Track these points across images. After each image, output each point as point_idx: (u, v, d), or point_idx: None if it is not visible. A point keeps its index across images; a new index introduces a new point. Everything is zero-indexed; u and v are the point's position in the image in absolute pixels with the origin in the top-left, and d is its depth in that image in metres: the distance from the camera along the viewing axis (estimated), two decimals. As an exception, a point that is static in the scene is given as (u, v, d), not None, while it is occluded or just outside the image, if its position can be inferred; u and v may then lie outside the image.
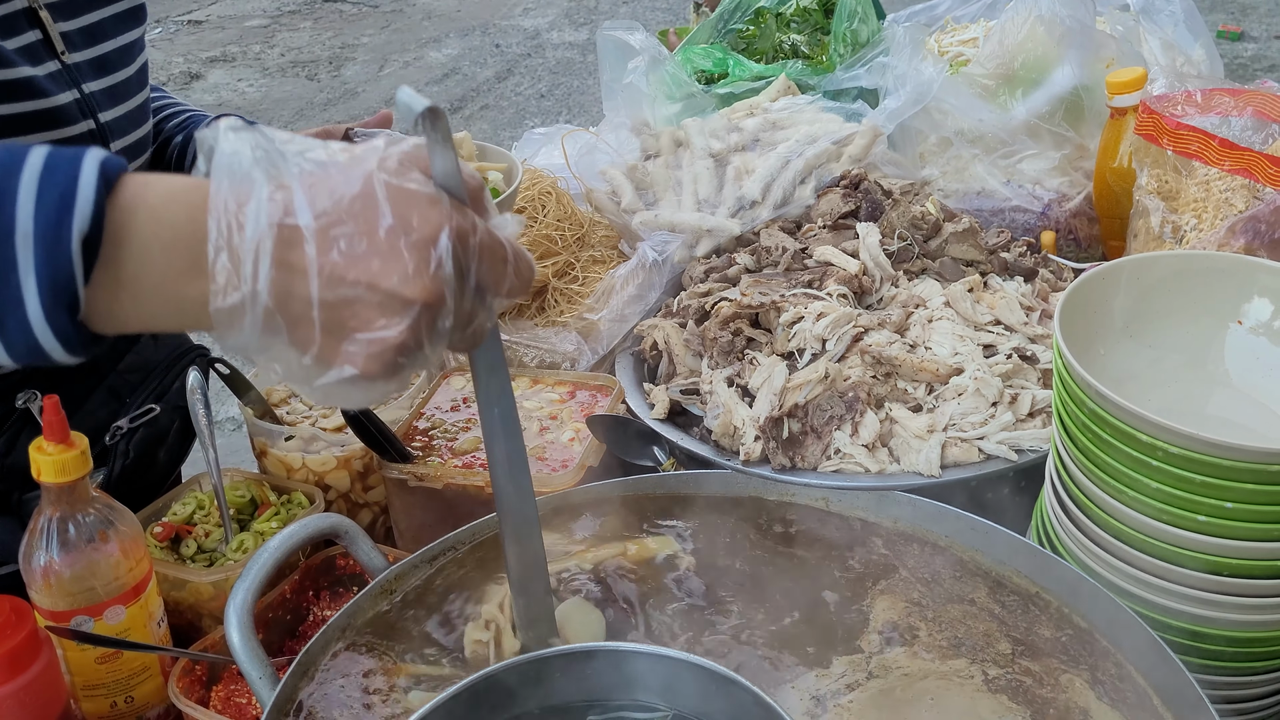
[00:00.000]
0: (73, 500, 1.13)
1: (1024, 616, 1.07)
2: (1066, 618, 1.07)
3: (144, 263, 0.76)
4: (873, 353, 1.26)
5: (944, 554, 1.15)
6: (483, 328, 0.81)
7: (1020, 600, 1.09)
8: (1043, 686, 1.00)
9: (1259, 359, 1.09)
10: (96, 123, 1.32)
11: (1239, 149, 1.22)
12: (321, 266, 0.72)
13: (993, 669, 1.02)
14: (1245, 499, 0.96)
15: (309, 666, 1.06)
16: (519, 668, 0.97)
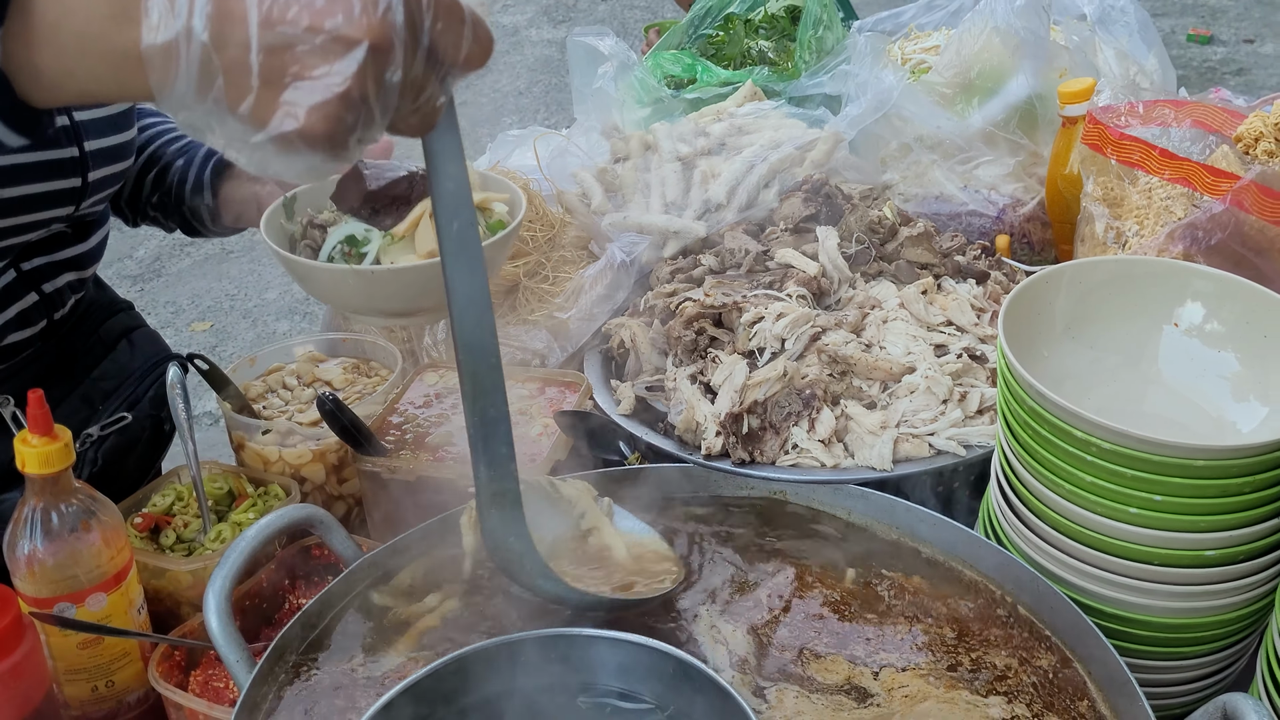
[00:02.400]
0: (56, 491, 1.17)
1: (970, 605, 1.13)
2: (1008, 604, 1.13)
3: (63, 6, 0.70)
4: (829, 352, 1.31)
5: (894, 545, 1.20)
6: (435, 102, 0.75)
7: (964, 589, 1.15)
8: (980, 669, 1.06)
9: (1192, 359, 1.15)
10: (70, 119, 1.35)
11: (1178, 159, 1.27)
12: (261, 3, 0.68)
13: (939, 654, 1.07)
14: (1173, 493, 1.02)
15: (284, 651, 1.11)
16: (487, 651, 1.02)
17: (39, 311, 1.44)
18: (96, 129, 1.37)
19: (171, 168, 1.61)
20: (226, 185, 1.57)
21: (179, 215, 1.63)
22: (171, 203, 1.61)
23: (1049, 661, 1.07)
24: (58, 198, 1.36)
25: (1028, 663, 1.07)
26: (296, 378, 1.55)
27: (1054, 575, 1.13)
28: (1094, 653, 1.06)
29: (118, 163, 1.43)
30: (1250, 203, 1.24)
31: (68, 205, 1.38)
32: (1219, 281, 1.13)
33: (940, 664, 1.06)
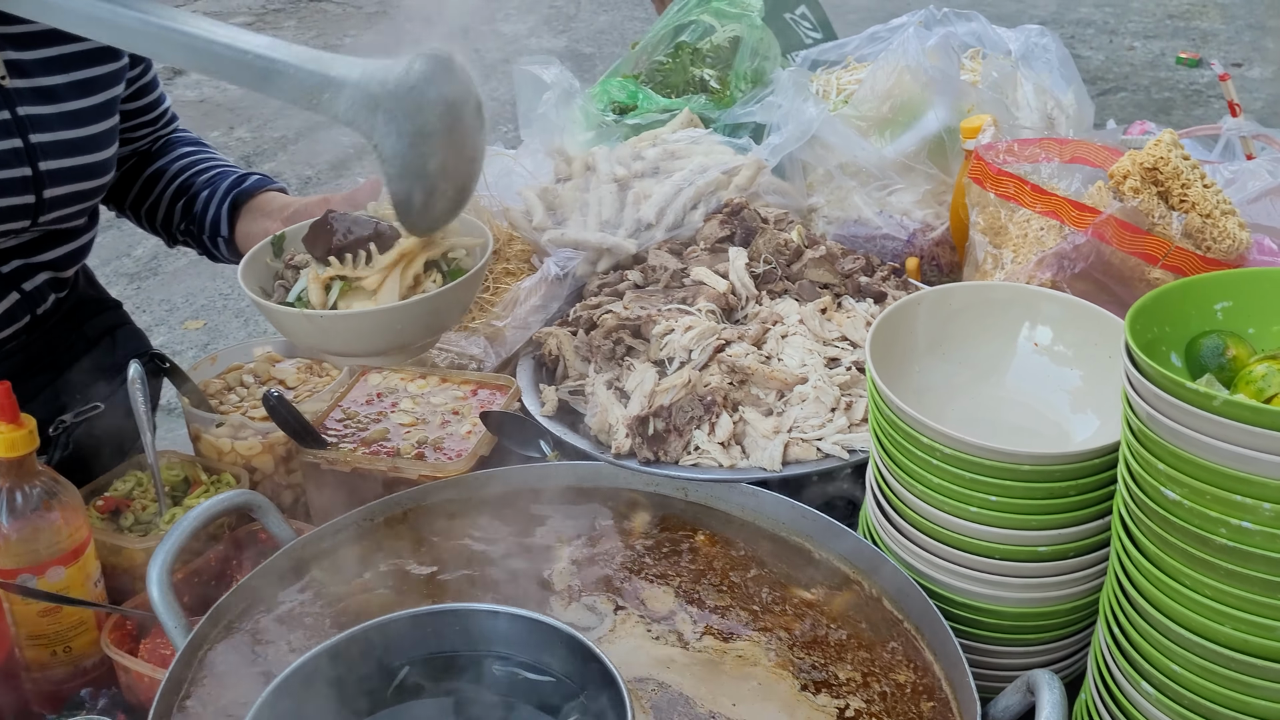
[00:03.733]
0: (20, 473, 1.30)
1: (832, 591, 1.26)
2: (868, 591, 1.25)
3: None
4: (729, 363, 1.44)
5: (774, 538, 1.33)
6: None
7: (834, 576, 1.27)
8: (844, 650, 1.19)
9: (1041, 375, 1.27)
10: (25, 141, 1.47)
11: (1048, 194, 1.40)
12: None
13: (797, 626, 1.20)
14: (1005, 494, 1.14)
15: (219, 619, 1.24)
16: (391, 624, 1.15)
17: (21, 309, 1.57)
18: (56, 150, 1.49)
19: (198, 199, 1.73)
20: (243, 220, 1.70)
21: (202, 243, 1.76)
22: (196, 231, 1.75)
23: (896, 636, 1.20)
24: (10, 213, 1.48)
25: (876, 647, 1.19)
26: (254, 376, 1.69)
27: (916, 570, 1.25)
28: (935, 632, 1.18)
29: (83, 181, 1.55)
30: (1111, 235, 1.37)
31: (22, 220, 1.50)
32: (1065, 305, 1.26)
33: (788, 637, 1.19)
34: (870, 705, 1.12)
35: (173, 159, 1.82)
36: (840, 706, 1.12)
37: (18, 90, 1.45)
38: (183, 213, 1.78)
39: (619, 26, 8.75)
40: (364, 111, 1.03)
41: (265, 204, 1.70)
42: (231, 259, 1.76)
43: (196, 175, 1.78)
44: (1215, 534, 0.94)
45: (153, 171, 1.81)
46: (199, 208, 1.75)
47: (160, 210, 1.80)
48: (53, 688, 1.37)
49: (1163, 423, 0.95)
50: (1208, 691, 1.01)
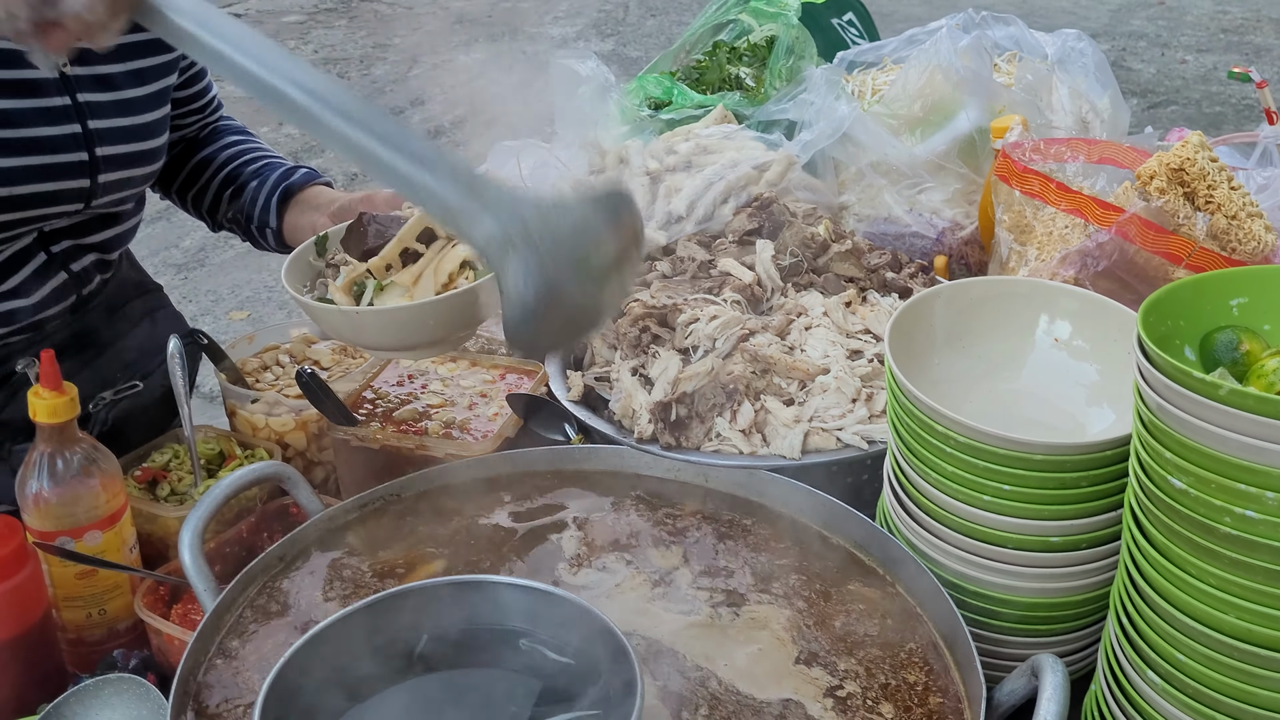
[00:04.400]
0: (62, 439, 1.35)
1: (850, 574, 1.28)
2: (883, 579, 1.27)
3: None
4: (752, 352, 1.46)
5: (794, 523, 1.35)
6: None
7: (846, 558, 1.29)
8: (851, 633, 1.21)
9: (1058, 369, 1.29)
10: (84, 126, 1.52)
11: (1073, 192, 1.41)
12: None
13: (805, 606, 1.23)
14: (1018, 483, 1.16)
15: (248, 584, 1.28)
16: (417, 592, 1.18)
17: (69, 288, 1.63)
18: (112, 136, 1.55)
19: (246, 189, 1.79)
20: (291, 213, 1.75)
21: (248, 232, 1.81)
22: (243, 220, 1.80)
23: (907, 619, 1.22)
24: (66, 196, 1.54)
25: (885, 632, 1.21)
26: (289, 356, 1.73)
27: (931, 559, 1.26)
28: (946, 620, 1.20)
29: (136, 168, 1.60)
30: (1135, 234, 1.38)
31: (76, 203, 1.56)
32: (1083, 300, 1.27)
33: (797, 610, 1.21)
34: (868, 691, 1.14)
35: (220, 147, 1.87)
36: (833, 685, 1.14)
37: (77, 77, 1.50)
38: (230, 201, 1.83)
39: (666, 30, 8.78)
40: (496, 247, 0.93)
41: (313, 198, 1.75)
42: (278, 249, 1.81)
43: (244, 165, 1.83)
44: (1220, 523, 0.95)
45: (201, 159, 1.86)
46: (247, 197, 1.79)
47: (207, 197, 1.86)
48: (87, 649, 1.42)
49: (1171, 412, 0.97)
50: (1212, 681, 1.02)
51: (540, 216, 0.95)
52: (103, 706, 1.28)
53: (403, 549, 1.34)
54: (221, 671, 1.19)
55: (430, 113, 7.26)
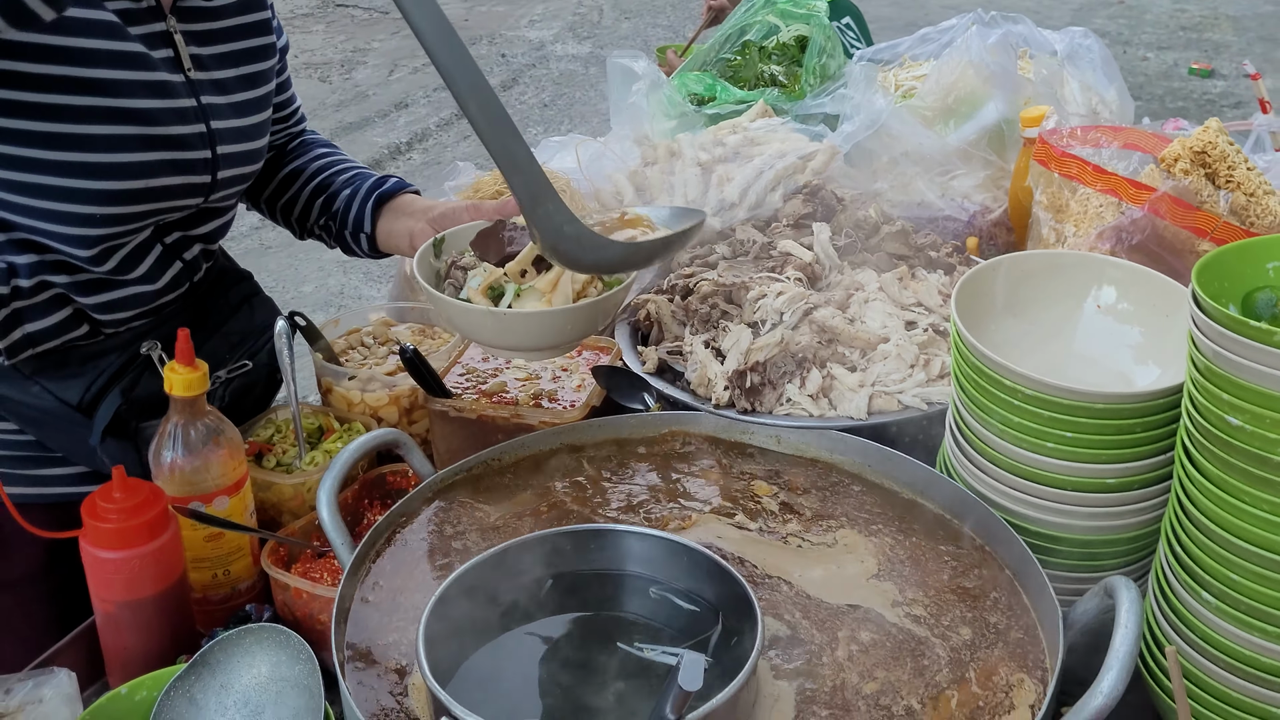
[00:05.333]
0: (193, 412, 1.46)
1: (921, 523, 1.41)
2: (951, 525, 1.41)
3: None
4: (819, 323, 1.60)
5: (863, 480, 1.49)
6: None
7: (913, 508, 1.43)
8: (927, 573, 1.35)
9: (1106, 332, 1.43)
10: (208, 127, 1.64)
11: (1108, 173, 1.56)
12: None
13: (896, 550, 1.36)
14: (1080, 430, 1.30)
15: (376, 539, 1.39)
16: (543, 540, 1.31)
17: (183, 276, 1.74)
18: (228, 137, 1.66)
19: (338, 197, 1.89)
20: (384, 219, 1.86)
21: (340, 238, 1.92)
22: (335, 227, 1.91)
23: (979, 563, 1.36)
24: (190, 190, 1.65)
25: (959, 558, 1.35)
26: (373, 337, 1.85)
27: (993, 502, 1.40)
28: (1018, 558, 1.34)
29: (245, 166, 1.72)
30: (1165, 210, 1.53)
31: (198, 197, 1.67)
32: (1127, 270, 1.42)
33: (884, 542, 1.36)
34: (934, 612, 1.28)
35: (311, 158, 1.98)
36: (898, 598, 1.29)
37: (199, 81, 1.61)
38: (321, 209, 1.93)
39: (642, 33, 8.93)
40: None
41: (407, 205, 1.86)
42: (370, 254, 1.92)
43: (336, 175, 1.94)
44: (1274, 454, 1.10)
45: (292, 169, 1.97)
46: (339, 205, 1.90)
47: (298, 206, 1.96)
48: (212, 608, 1.53)
49: (1227, 358, 1.11)
50: (1264, 596, 1.16)
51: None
52: (244, 654, 1.38)
53: (509, 506, 1.46)
54: (364, 614, 1.31)
55: (415, 115, 7.37)
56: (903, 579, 1.33)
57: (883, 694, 1.19)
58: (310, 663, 1.31)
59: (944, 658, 1.24)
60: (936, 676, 1.22)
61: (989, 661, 1.23)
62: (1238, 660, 1.21)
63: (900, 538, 1.39)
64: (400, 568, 1.38)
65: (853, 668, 1.21)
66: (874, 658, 1.23)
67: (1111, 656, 1.09)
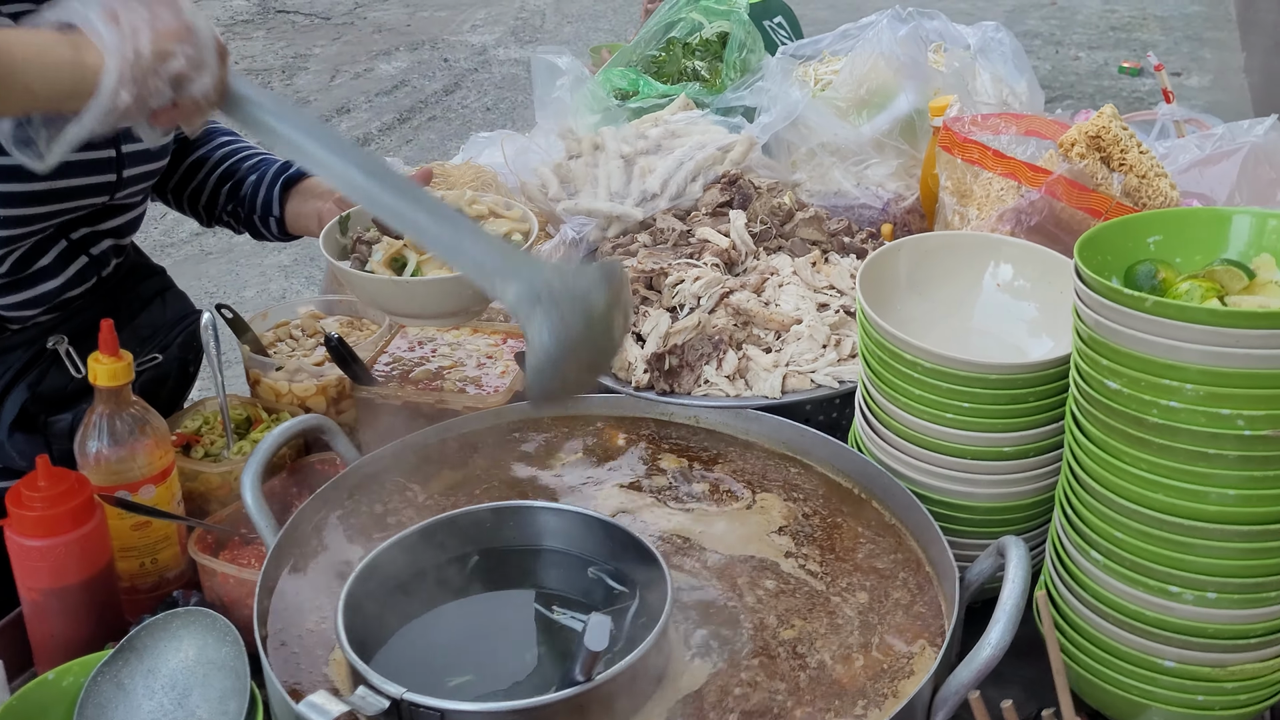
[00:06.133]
0: (118, 401, 1.48)
1: (829, 494, 1.47)
2: (857, 496, 1.47)
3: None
4: (734, 306, 1.65)
5: (777, 455, 1.54)
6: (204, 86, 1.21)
7: (825, 481, 1.49)
8: (836, 536, 1.40)
9: (1002, 307, 1.50)
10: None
11: (1007, 158, 1.62)
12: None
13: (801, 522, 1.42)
14: (976, 400, 1.36)
15: (301, 522, 1.42)
16: (462, 517, 1.35)
17: (90, 270, 1.75)
18: (133, 135, 1.68)
19: (245, 183, 1.92)
20: (293, 201, 1.88)
21: (249, 223, 1.94)
22: (244, 212, 1.93)
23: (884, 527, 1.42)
24: (95, 189, 1.67)
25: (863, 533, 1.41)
26: (301, 330, 1.87)
27: (900, 474, 1.46)
28: (918, 523, 1.39)
29: (151, 163, 1.73)
30: (1061, 192, 1.60)
31: (103, 195, 1.69)
32: (1022, 249, 1.49)
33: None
34: (840, 571, 1.34)
35: (214, 146, 2.00)
36: (791, 550, 1.36)
37: None
38: (229, 195, 1.96)
39: (584, 37, 8.96)
40: (526, 304, 1.16)
41: (314, 186, 1.89)
42: (279, 237, 1.94)
43: (241, 161, 1.96)
44: (1148, 415, 1.16)
45: (196, 158, 1.99)
46: (246, 190, 1.93)
47: (204, 194, 1.98)
48: (140, 596, 1.55)
49: (1106, 325, 1.17)
50: (1145, 553, 1.23)
51: (560, 278, 1.18)
52: (171, 638, 1.40)
53: (432, 488, 1.50)
54: (288, 596, 1.34)
55: (357, 120, 7.36)
56: (804, 538, 1.39)
57: (800, 641, 1.24)
58: (236, 645, 1.34)
59: (854, 620, 1.29)
60: (849, 639, 1.27)
61: (893, 625, 1.28)
62: (1125, 615, 1.27)
63: (811, 505, 1.44)
64: (325, 549, 1.41)
65: (766, 611, 1.28)
66: (785, 604, 1.29)
67: (999, 610, 1.15)
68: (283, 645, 1.29)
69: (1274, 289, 1.22)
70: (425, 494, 1.49)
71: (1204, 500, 1.17)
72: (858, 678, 1.22)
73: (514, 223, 1.58)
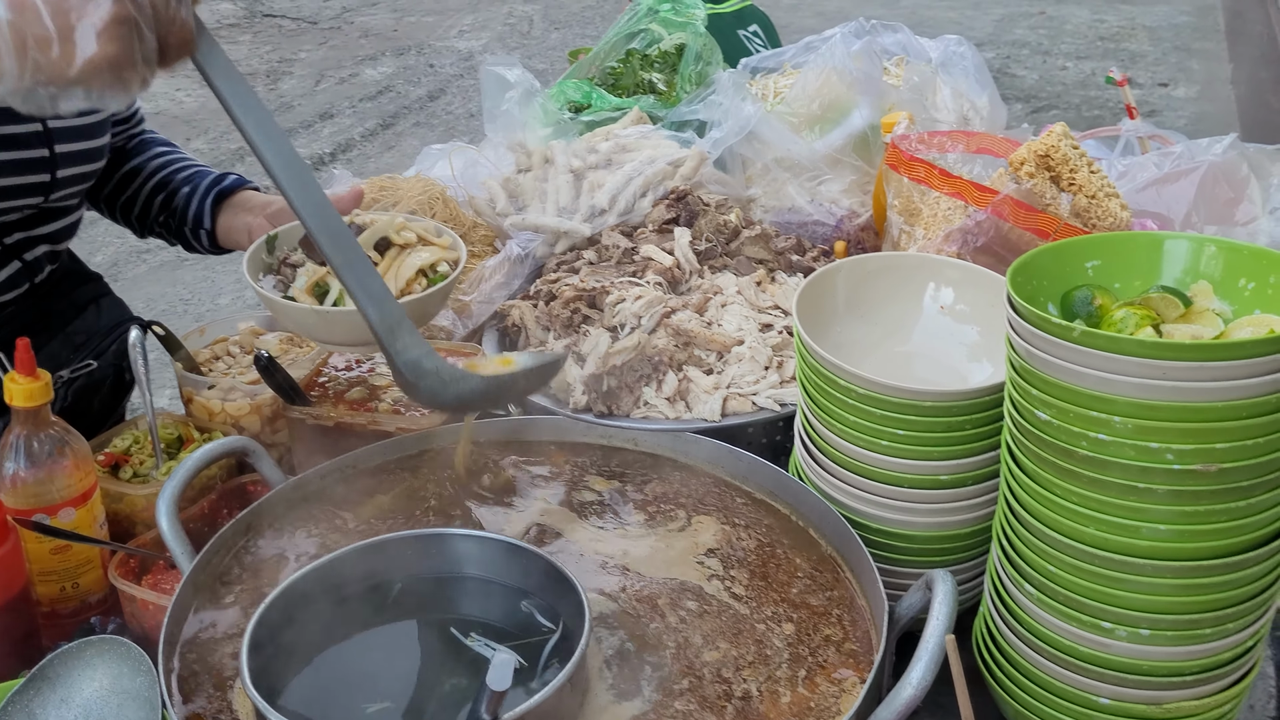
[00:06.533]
0: (37, 422, 1.44)
1: (769, 520, 1.43)
2: (795, 525, 1.43)
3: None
4: (674, 327, 1.62)
5: (715, 477, 1.50)
6: (184, 20, 1.05)
7: (764, 507, 1.45)
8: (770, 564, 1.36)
9: (944, 331, 1.46)
10: (44, 125, 1.62)
11: (954, 177, 1.59)
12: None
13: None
14: (909, 428, 1.32)
15: (219, 548, 1.38)
16: (383, 545, 1.31)
17: (22, 276, 1.72)
18: (67, 135, 1.65)
19: (178, 194, 1.89)
20: (224, 215, 1.86)
21: (180, 234, 1.91)
22: (175, 224, 1.90)
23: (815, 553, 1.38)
24: (28, 190, 1.64)
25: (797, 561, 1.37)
26: (239, 347, 1.83)
27: (838, 501, 1.42)
28: (846, 546, 1.36)
29: (85, 164, 1.70)
30: (1008, 213, 1.56)
31: (37, 196, 1.65)
32: (964, 271, 1.45)
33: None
34: (767, 601, 1.30)
35: (149, 157, 1.97)
36: (719, 573, 1.33)
37: None
38: (162, 207, 1.93)
39: (571, 43, 8.93)
40: (411, 374, 1.17)
41: (246, 200, 1.86)
42: (210, 250, 1.91)
43: (175, 173, 1.93)
44: (1078, 447, 1.13)
45: (130, 168, 1.96)
46: (179, 202, 1.90)
47: (137, 204, 1.95)
48: (61, 621, 1.51)
49: (1035, 355, 1.14)
50: (1078, 588, 1.19)
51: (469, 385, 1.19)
52: (85, 667, 1.37)
53: (361, 513, 1.46)
54: (201, 625, 1.30)
55: (340, 125, 7.32)
56: (735, 562, 1.35)
57: (724, 665, 1.21)
58: (150, 675, 1.30)
59: (784, 652, 1.25)
60: (777, 671, 1.23)
61: (824, 660, 1.25)
62: (1060, 650, 1.24)
63: (751, 532, 1.40)
64: (244, 577, 1.37)
65: (687, 631, 1.25)
66: (710, 626, 1.26)
67: (921, 648, 1.11)
68: (194, 675, 1.25)
69: (1210, 318, 1.19)
70: (353, 518, 1.45)
71: (1136, 535, 1.14)
72: (784, 715, 1.19)
73: (443, 251, 1.54)
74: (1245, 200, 1.80)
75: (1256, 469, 1.08)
